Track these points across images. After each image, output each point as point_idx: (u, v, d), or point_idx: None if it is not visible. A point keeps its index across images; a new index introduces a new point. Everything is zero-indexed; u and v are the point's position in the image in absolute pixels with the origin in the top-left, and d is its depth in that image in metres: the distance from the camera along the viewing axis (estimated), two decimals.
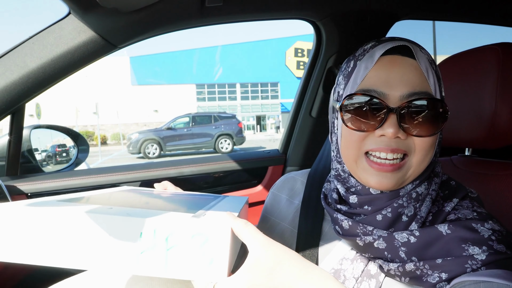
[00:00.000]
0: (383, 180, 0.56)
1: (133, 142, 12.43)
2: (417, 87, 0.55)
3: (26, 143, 1.43)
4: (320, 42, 1.47)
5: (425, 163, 0.58)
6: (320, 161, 0.87)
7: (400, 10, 1.38)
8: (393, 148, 0.55)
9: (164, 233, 0.46)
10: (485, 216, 0.55)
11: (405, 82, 0.55)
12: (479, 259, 0.49)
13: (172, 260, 0.46)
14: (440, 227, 0.54)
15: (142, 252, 0.46)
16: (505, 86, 0.75)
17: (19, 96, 1.03)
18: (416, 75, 0.56)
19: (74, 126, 21.35)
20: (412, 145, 0.56)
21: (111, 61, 27.39)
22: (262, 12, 1.25)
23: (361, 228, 0.58)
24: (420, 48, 0.59)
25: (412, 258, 0.54)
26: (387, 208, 0.57)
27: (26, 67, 0.99)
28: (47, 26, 0.99)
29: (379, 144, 0.56)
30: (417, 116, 0.55)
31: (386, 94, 0.55)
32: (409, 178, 0.58)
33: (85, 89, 25.68)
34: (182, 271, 0.46)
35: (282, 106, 31.41)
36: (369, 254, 0.58)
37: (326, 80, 1.50)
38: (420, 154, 0.56)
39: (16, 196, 1.22)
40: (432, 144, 0.57)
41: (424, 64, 0.57)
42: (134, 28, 1.05)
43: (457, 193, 0.60)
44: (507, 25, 1.58)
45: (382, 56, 0.58)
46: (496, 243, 0.50)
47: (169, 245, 0.46)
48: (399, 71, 0.56)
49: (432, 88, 0.56)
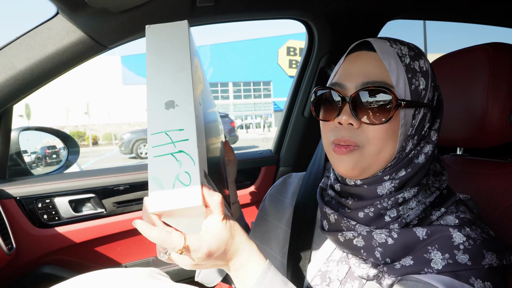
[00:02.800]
0: (341, 164, 0.60)
1: (125, 142, 12.31)
2: (373, 77, 0.57)
3: (15, 146, 1.40)
4: (312, 42, 1.47)
5: (384, 155, 0.58)
6: (314, 164, 0.88)
7: (392, 10, 1.39)
8: (345, 139, 0.58)
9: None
10: (466, 221, 0.56)
11: (362, 73, 0.59)
12: (434, 268, 0.51)
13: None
14: (418, 232, 0.55)
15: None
16: (496, 86, 0.76)
17: (6, 98, 1.01)
18: (375, 66, 0.58)
19: (65, 126, 21.14)
20: (365, 136, 0.58)
21: (102, 61, 27.10)
22: (253, 12, 1.25)
23: (345, 222, 0.60)
24: (392, 43, 0.60)
25: (387, 259, 0.55)
26: (370, 207, 0.59)
27: (13, 68, 0.97)
28: (34, 26, 0.97)
29: (337, 134, 0.60)
30: (367, 104, 0.57)
31: (345, 86, 0.60)
32: (370, 167, 0.59)
33: (76, 89, 25.40)
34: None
35: (275, 104, 31.45)
36: (348, 250, 0.60)
37: (319, 80, 1.50)
38: (374, 144, 0.57)
39: (4, 200, 1.20)
40: (389, 135, 0.57)
41: (387, 56, 0.58)
42: (124, 28, 1.03)
43: (446, 202, 0.60)
44: (498, 24, 1.60)
45: (350, 54, 0.63)
46: (461, 253, 0.51)
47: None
48: (359, 64, 0.60)
49: (394, 79, 0.57)
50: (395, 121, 0.57)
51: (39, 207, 1.25)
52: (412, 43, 0.64)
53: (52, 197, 1.26)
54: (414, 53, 0.61)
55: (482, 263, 0.50)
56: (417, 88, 0.59)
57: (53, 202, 1.26)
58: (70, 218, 1.28)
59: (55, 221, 1.27)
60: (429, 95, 0.60)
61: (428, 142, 0.61)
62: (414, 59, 0.60)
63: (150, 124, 0.49)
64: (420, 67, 0.60)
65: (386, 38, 0.62)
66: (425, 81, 0.60)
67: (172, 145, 0.47)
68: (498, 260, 0.51)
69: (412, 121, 0.59)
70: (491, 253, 0.52)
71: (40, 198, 1.25)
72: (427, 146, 0.61)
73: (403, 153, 0.60)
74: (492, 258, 0.51)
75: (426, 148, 0.61)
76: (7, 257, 1.10)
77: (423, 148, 0.61)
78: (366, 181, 0.61)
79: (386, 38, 0.63)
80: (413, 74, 0.59)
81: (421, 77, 0.59)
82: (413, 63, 0.59)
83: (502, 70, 0.76)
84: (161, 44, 0.52)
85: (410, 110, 0.58)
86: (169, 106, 0.49)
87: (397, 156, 0.59)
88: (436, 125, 0.62)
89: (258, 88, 31.88)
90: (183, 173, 0.46)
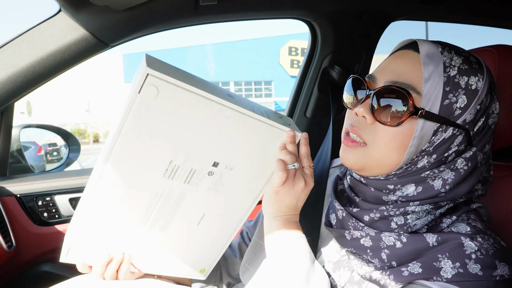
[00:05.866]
0: (345, 155, 0.60)
1: None
2: (403, 78, 0.55)
3: (16, 143, 1.40)
4: (315, 42, 1.46)
5: (388, 162, 0.56)
6: (319, 162, 0.87)
7: (396, 10, 1.38)
8: (355, 130, 0.59)
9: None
10: (478, 230, 0.53)
11: (396, 71, 0.57)
12: (444, 277, 0.49)
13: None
14: (428, 238, 0.53)
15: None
16: (501, 88, 0.75)
17: (8, 95, 1.01)
18: (413, 68, 0.55)
19: (66, 124, 21.15)
20: (373, 135, 0.57)
21: (103, 58, 27.14)
22: (256, 11, 1.24)
23: (353, 222, 0.59)
24: (445, 50, 0.55)
25: (392, 262, 0.54)
26: (375, 212, 0.57)
27: (15, 65, 0.97)
28: (37, 24, 0.97)
29: (352, 123, 0.60)
30: (385, 102, 0.55)
31: (376, 78, 0.59)
32: (371, 169, 0.58)
33: (77, 87, 25.42)
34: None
35: (276, 104, 31.42)
36: (352, 248, 0.59)
37: (321, 80, 1.50)
38: (379, 146, 0.56)
39: (5, 197, 1.19)
40: (397, 142, 0.54)
41: (430, 61, 0.54)
42: (127, 26, 1.03)
43: (459, 210, 0.57)
44: (502, 26, 1.59)
45: (398, 50, 0.61)
46: (473, 262, 0.49)
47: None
48: (398, 62, 0.58)
49: (426, 86, 0.53)
50: (409, 129, 0.54)
51: (40, 205, 1.24)
52: (478, 57, 0.58)
53: (52, 195, 1.26)
54: (469, 68, 0.55)
55: (494, 274, 0.48)
56: (451, 104, 0.54)
57: (53, 200, 1.26)
58: (70, 216, 1.28)
59: (55, 219, 1.26)
60: (467, 117, 0.54)
61: (452, 169, 0.55)
62: (464, 74, 0.54)
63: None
64: (468, 84, 0.54)
65: (443, 44, 0.58)
66: (467, 100, 0.54)
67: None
68: (510, 272, 0.49)
69: (432, 137, 0.54)
70: (504, 264, 0.49)
71: (41, 196, 1.25)
72: (448, 172, 0.55)
73: (412, 167, 0.56)
74: (504, 269, 0.49)
75: (446, 174, 0.55)
76: (6, 255, 1.10)
77: (442, 173, 0.55)
78: (370, 182, 0.60)
79: (444, 43, 0.58)
80: (453, 89, 0.54)
81: (462, 95, 0.54)
82: (460, 77, 0.54)
83: (507, 72, 0.75)
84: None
85: (431, 124, 0.54)
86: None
87: (404, 168, 0.57)
88: (469, 153, 0.56)
89: (259, 87, 31.86)
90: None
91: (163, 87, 0.52)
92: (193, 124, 0.56)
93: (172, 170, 0.60)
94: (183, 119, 0.55)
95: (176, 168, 0.60)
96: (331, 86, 1.47)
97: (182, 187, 0.62)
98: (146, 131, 0.55)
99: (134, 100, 0.52)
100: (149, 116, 0.54)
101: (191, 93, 0.53)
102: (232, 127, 0.58)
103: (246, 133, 0.60)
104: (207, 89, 0.54)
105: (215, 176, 0.63)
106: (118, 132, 0.54)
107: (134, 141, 0.56)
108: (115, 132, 0.55)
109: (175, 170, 0.60)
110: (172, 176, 0.61)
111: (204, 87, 0.55)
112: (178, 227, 0.68)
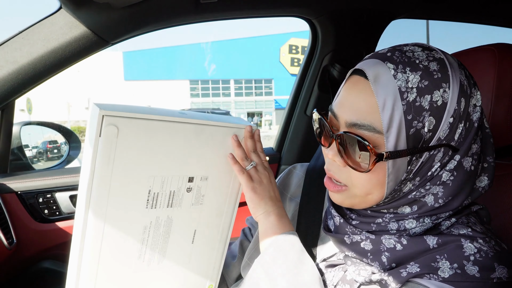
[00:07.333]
0: (331, 195, 0.60)
1: None
2: (361, 118, 0.51)
3: (16, 140, 1.41)
4: (315, 40, 1.46)
5: (373, 197, 0.54)
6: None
7: (396, 9, 1.38)
8: (329, 173, 0.59)
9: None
10: (479, 232, 0.53)
11: (353, 108, 0.52)
12: (440, 276, 0.48)
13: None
14: (428, 240, 0.52)
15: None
16: (501, 87, 0.75)
17: (8, 93, 1.01)
18: (367, 103, 0.50)
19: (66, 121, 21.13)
20: (350, 178, 0.55)
21: (103, 56, 27.10)
22: (257, 9, 1.24)
23: (351, 228, 0.59)
24: (399, 71, 0.49)
25: (392, 264, 0.54)
26: (372, 225, 0.58)
27: (15, 62, 0.97)
28: (37, 21, 0.97)
29: (328, 165, 0.59)
30: (350, 148, 0.53)
31: (338, 118, 0.55)
32: (360, 204, 0.57)
33: (78, 84, 25.39)
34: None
35: (276, 103, 31.43)
36: (352, 252, 0.58)
37: (322, 78, 1.50)
38: (359, 188, 0.54)
39: (5, 194, 1.20)
40: (373, 183, 0.53)
41: (383, 91, 0.48)
42: (127, 23, 1.03)
43: (459, 213, 0.56)
44: (503, 25, 1.59)
45: (351, 75, 0.55)
46: (471, 264, 0.48)
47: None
48: (353, 95, 0.52)
49: (385, 122, 0.48)
50: (381, 169, 0.51)
51: (40, 202, 1.25)
52: (441, 57, 0.51)
53: (53, 192, 1.26)
54: (430, 82, 0.49)
55: (491, 276, 0.48)
56: (418, 131, 0.49)
57: (54, 197, 1.26)
58: (71, 213, 1.28)
59: (56, 216, 1.27)
60: (441, 134, 0.50)
61: (438, 184, 0.53)
62: (426, 92, 0.48)
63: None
64: (432, 102, 0.48)
65: (396, 60, 0.50)
66: (436, 120, 0.49)
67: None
68: (508, 274, 0.48)
69: (408, 167, 0.51)
70: (503, 267, 0.49)
71: (41, 193, 1.25)
72: (436, 188, 0.53)
73: (399, 193, 0.55)
74: (503, 272, 0.48)
75: (434, 189, 0.53)
76: (7, 251, 1.10)
77: (430, 190, 0.54)
78: (362, 211, 0.60)
79: (398, 58, 0.50)
80: (416, 114, 0.48)
81: (428, 116, 0.49)
82: (421, 98, 0.48)
83: (507, 71, 0.75)
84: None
85: (402, 158, 0.50)
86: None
87: (390, 197, 0.55)
88: (453, 164, 0.52)
89: (259, 85, 31.85)
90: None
91: (121, 123, 0.53)
92: (158, 148, 0.58)
93: (153, 199, 0.60)
94: (148, 147, 0.57)
95: (156, 195, 0.60)
96: (332, 84, 1.47)
97: (167, 212, 0.63)
98: (117, 171, 0.55)
99: (97, 146, 0.52)
100: (115, 155, 0.54)
101: (147, 120, 0.55)
102: (194, 140, 0.61)
103: (208, 141, 0.63)
104: (160, 114, 0.57)
105: (194, 191, 0.64)
106: (90, 181, 0.54)
107: (108, 184, 0.56)
108: (88, 182, 0.54)
109: (156, 197, 0.61)
110: (155, 205, 0.61)
111: (156, 112, 0.57)
112: (175, 253, 0.68)
